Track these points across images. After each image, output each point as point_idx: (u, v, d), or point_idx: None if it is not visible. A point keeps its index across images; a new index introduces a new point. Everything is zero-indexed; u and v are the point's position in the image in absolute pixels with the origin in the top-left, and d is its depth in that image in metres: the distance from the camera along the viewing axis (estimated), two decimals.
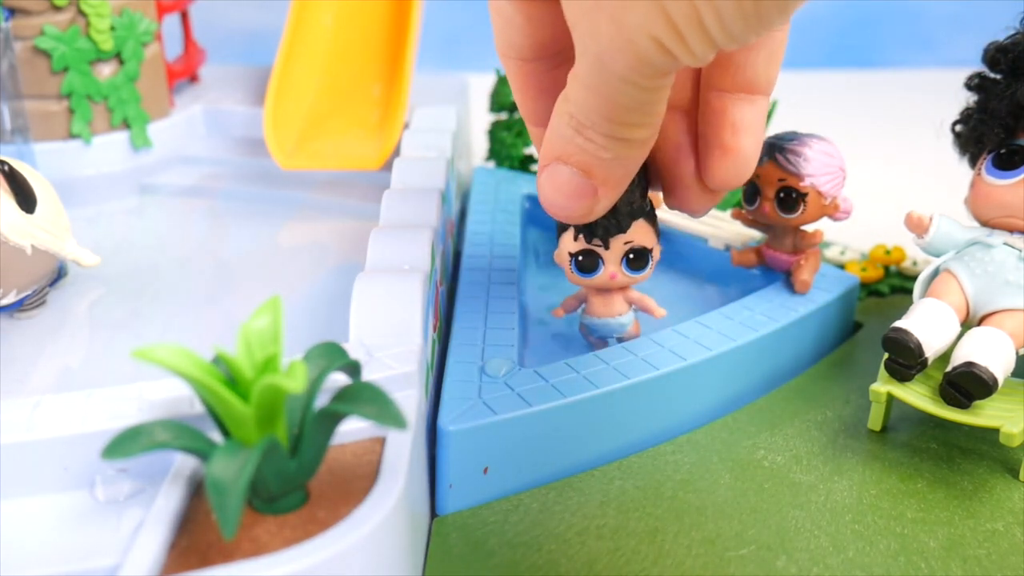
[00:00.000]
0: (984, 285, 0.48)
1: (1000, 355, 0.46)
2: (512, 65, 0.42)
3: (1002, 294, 0.48)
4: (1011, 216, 0.49)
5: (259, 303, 0.37)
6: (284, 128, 0.77)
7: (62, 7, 0.72)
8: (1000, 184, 0.50)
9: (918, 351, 0.47)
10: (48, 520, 0.38)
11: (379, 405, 0.35)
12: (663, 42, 0.31)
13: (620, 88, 0.33)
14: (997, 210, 0.50)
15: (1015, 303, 0.47)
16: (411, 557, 0.39)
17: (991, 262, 0.48)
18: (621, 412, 0.48)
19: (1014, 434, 0.45)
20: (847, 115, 1.12)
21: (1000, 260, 0.48)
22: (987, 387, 0.45)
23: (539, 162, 0.39)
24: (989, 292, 0.48)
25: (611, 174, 0.38)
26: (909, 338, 0.47)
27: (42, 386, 0.51)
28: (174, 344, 0.34)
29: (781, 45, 0.40)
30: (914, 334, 0.47)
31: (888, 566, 0.42)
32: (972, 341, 0.47)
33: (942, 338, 0.47)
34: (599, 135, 0.36)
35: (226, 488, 0.31)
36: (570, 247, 0.49)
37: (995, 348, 0.46)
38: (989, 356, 0.45)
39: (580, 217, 0.40)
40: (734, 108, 0.41)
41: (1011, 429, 0.45)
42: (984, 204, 0.51)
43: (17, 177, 0.54)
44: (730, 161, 0.42)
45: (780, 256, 0.59)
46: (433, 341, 0.50)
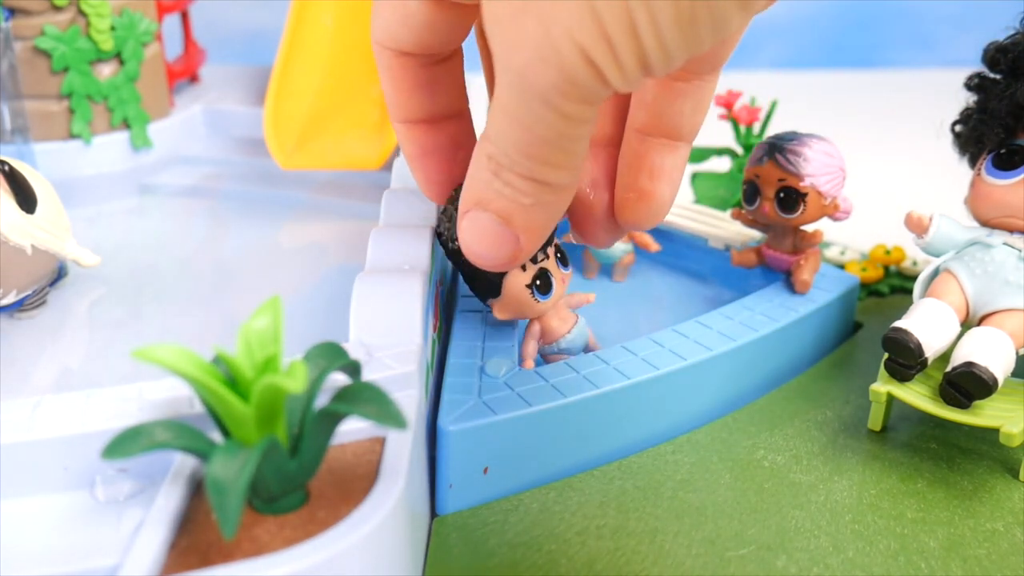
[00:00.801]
0: (984, 285, 0.48)
1: (1000, 355, 0.46)
2: (387, 56, 0.39)
3: (1002, 294, 0.48)
4: (1011, 216, 0.49)
5: (259, 303, 0.37)
6: (284, 128, 0.77)
7: (62, 7, 0.72)
8: (1000, 184, 0.50)
9: (918, 351, 0.47)
10: (48, 520, 0.38)
11: (379, 405, 0.35)
12: (590, 53, 0.29)
13: (541, 115, 0.31)
14: (997, 210, 0.50)
15: (1015, 303, 0.47)
16: (411, 557, 0.39)
17: (991, 262, 0.48)
18: (621, 412, 0.48)
19: (1014, 434, 0.45)
20: (847, 115, 1.12)
21: (1000, 260, 0.48)
22: (987, 387, 0.45)
23: (459, 207, 0.37)
24: (989, 292, 0.48)
25: (532, 221, 0.36)
26: (909, 338, 0.47)
27: (42, 386, 0.51)
28: (174, 344, 0.34)
29: (708, 95, 0.40)
30: (914, 334, 0.47)
31: (888, 566, 0.42)
32: (972, 341, 0.47)
33: (942, 338, 0.47)
34: (518, 177, 0.34)
35: (226, 488, 0.31)
36: (523, 280, 0.48)
37: (995, 348, 0.46)
38: (989, 356, 0.45)
39: (504, 265, 0.38)
40: (655, 153, 0.40)
41: (1011, 429, 0.45)
42: (984, 204, 0.51)
43: (17, 177, 0.54)
44: (644, 205, 0.41)
45: (780, 256, 0.59)
46: (433, 341, 0.50)
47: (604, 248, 0.44)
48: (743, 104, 0.72)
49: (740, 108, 0.72)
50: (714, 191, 0.74)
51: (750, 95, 0.74)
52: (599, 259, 0.66)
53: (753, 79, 1.17)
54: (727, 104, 0.72)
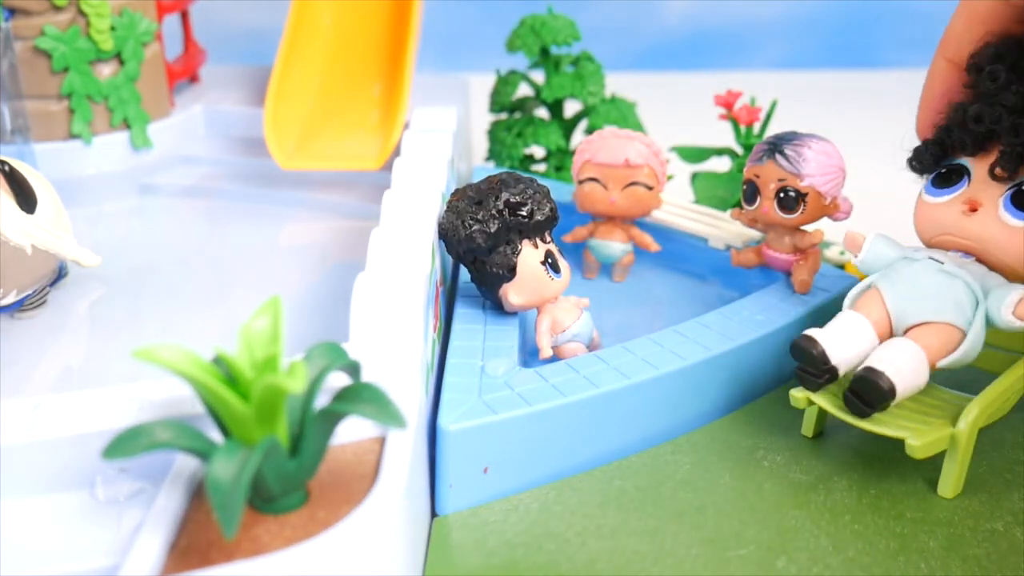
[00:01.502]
0: (905, 298, 0.47)
1: (905, 364, 0.44)
2: (942, 65, 0.49)
3: (921, 306, 0.47)
4: (947, 234, 0.49)
5: (259, 303, 0.37)
6: (284, 128, 0.77)
7: (62, 7, 0.72)
8: (935, 202, 0.49)
9: (822, 359, 0.46)
10: (48, 520, 0.38)
11: (379, 405, 0.35)
12: None
13: None
14: (934, 229, 0.49)
15: (932, 316, 0.46)
16: (411, 557, 0.39)
17: (911, 275, 0.47)
18: (621, 412, 0.48)
19: (916, 447, 0.44)
20: (847, 115, 1.12)
21: (920, 272, 0.47)
22: (883, 394, 0.44)
23: None
24: (909, 305, 0.47)
25: None
26: (813, 346, 0.46)
27: (42, 386, 0.51)
28: (174, 344, 0.34)
29: None
30: (820, 343, 0.46)
31: (888, 566, 0.42)
32: (880, 350, 0.46)
33: (854, 349, 0.46)
34: None
35: (226, 488, 0.31)
36: (537, 257, 0.52)
37: (900, 357, 0.45)
38: (891, 364, 0.44)
39: None
40: None
41: (913, 442, 0.44)
42: (923, 223, 0.50)
43: (17, 177, 0.54)
44: None
45: (780, 256, 0.59)
46: (433, 341, 0.50)
47: None
48: (743, 104, 0.72)
49: (740, 108, 0.72)
50: (714, 191, 0.74)
51: (750, 95, 0.74)
52: (599, 259, 0.66)
53: (753, 79, 1.17)
54: (727, 104, 0.72)
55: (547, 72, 0.78)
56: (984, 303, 0.46)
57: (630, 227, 0.65)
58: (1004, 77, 0.47)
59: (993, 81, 0.47)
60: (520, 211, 0.51)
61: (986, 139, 0.48)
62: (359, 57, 0.84)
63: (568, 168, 0.79)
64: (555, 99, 0.78)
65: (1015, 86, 0.46)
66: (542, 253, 0.52)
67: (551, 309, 0.53)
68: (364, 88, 0.82)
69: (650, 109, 0.89)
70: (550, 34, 0.76)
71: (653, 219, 0.67)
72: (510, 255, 0.51)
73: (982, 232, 0.47)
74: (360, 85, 0.82)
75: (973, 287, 0.46)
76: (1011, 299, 0.45)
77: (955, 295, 0.46)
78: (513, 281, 0.51)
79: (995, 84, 0.47)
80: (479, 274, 0.53)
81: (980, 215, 0.47)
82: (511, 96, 0.81)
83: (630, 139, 0.62)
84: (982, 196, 0.48)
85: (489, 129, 0.82)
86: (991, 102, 0.47)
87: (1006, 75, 0.47)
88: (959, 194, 0.49)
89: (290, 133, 0.77)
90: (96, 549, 0.36)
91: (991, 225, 0.47)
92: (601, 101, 0.78)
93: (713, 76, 1.26)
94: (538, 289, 0.52)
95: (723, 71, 1.32)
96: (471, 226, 0.51)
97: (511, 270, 0.51)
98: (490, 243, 0.51)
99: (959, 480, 0.47)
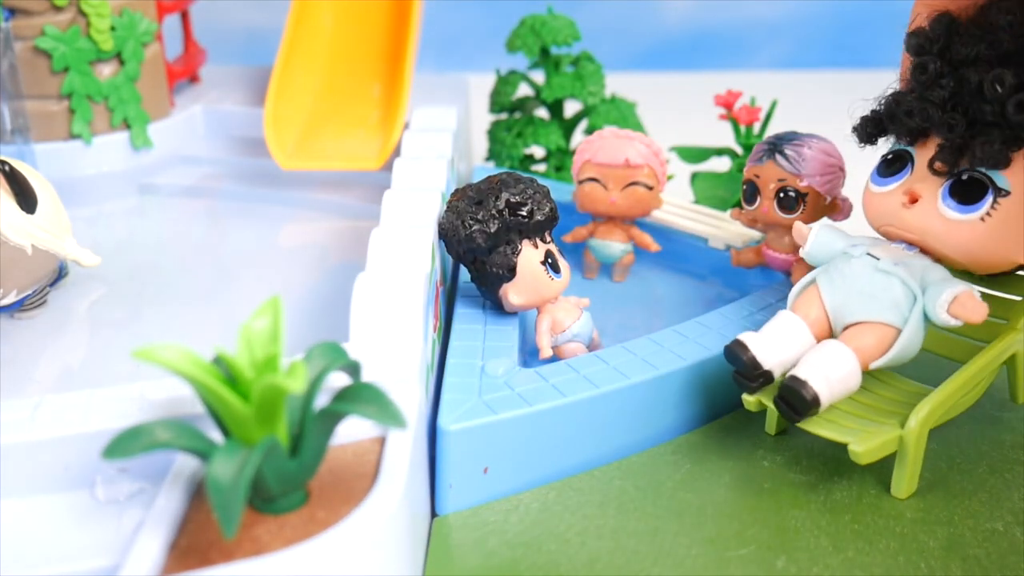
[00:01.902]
0: (842, 297, 0.46)
1: (832, 371, 0.44)
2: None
3: (856, 305, 0.46)
4: (889, 225, 0.48)
5: (259, 303, 0.37)
6: (284, 128, 0.77)
7: (62, 7, 0.72)
8: (878, 191, 0.48)
9: (752, 364, 0.45)
10: (48, 520, 0.38)
11: (379, 405, 0.35)
12: None
13: None
14: (878, 219, 0.48)
15: (867, 315, 0.45)
16: (411, 557, 0.39)
17: (849, 273, 0.46)
18: (621, 412, 0.48)
19: (859, 453, 0.43)
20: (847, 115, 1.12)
21: (857, 271, 0.46)
22: (807, 403, 0.43)
23: None
24: (846, 304, 0.46)
25: None
26: (744, 351, 0.45)
27: (42, 386, 0.51)
28: (174, 344, 0.34)
29: None
30: (750, 348, 0.45)
31: (888, 566, 0.42)
32: (809, 355, 0.45)
33: (788, 352, 0.46)
34: None
35: (226, 488, 0.31)
36: (537, 257, 0.51)
37: (828, 363, 0.44)
38: (817, 372, 0.44)
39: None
40: None
41: (856, 448, 0.43)
42: (869, 212, 0.49)
43: (17, 177, 0.54)
44: None
45: (780, 256, 0.59)
46: (433, 341, 0.50)
47: None
48: (743, 104, 0.72)
49: (740, 108, 0.72)
50: (714, 191, 0.74)
51: (750, 95, 0.74)
52: (599, 259, 0.66)
53: (753, 79, 1.17)
54: (727, 104, 0.72)
55: (547, 72, 0.78)
56: (921, 300, 0.45)
57: (630, 227, 0.65)
58: (932, 69, 0.45)
59: (922, 74, 0.46)
60: (520, 211, 0.51)
61: (921, 132, 0.47)
62: (359, 57, 0.84)
63: (568, 168, 0.79)
64: (555, 99, 0.78)
65: (944, 79, 0.45)
66: (542, 253, 0.52)
67: (551, 309, 0.53)
68: (364, 88, 0.82)
69: (650, 109, 0.89)
70: (550, 34, 0.76)
71: (653, 219, 0.67)
72: (510, 255, 0.51)
73: (921, 225, 0.46)
74: (360, 85, 0.82)
75: (910, 284, 0.45)
76: (944, 298, 0.44)
77: (891, 294, 0.45)
78: (513, 281, 0.51)
79: (924, 77, 0.46)
80: (479, 274, 0.53)
81: (919, 207, 0.46)
82: (511, 96, 0.81)
83: (630, 139, 0.62)
84: (921, 187, 0.46)
85: (489, 129, 0.82)
86: (921, 97, 0.45)
87: (934, 67, 0.45)
88: (900, 184, 0.47)
89: (290, 133, 0.77)
90: (96, 549, 0.36)
91: (930, 217, 0.46)
92: (601, 101, 0.78)
93: (713, 76, 1.26)
94: (538, 289, 0.52)
95: (723, 71, 1.32)
96: (471, 226, 0.51)
97: (511, 270, 0.51)
98: (490, 243, 0.51)
99: (912, 481, 0.46)
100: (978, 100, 0.44)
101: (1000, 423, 0.52)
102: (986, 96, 0.43)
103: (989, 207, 0.44)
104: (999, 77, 0.43)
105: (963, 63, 0.45)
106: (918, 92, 0.46)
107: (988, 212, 0.45)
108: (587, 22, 0.81)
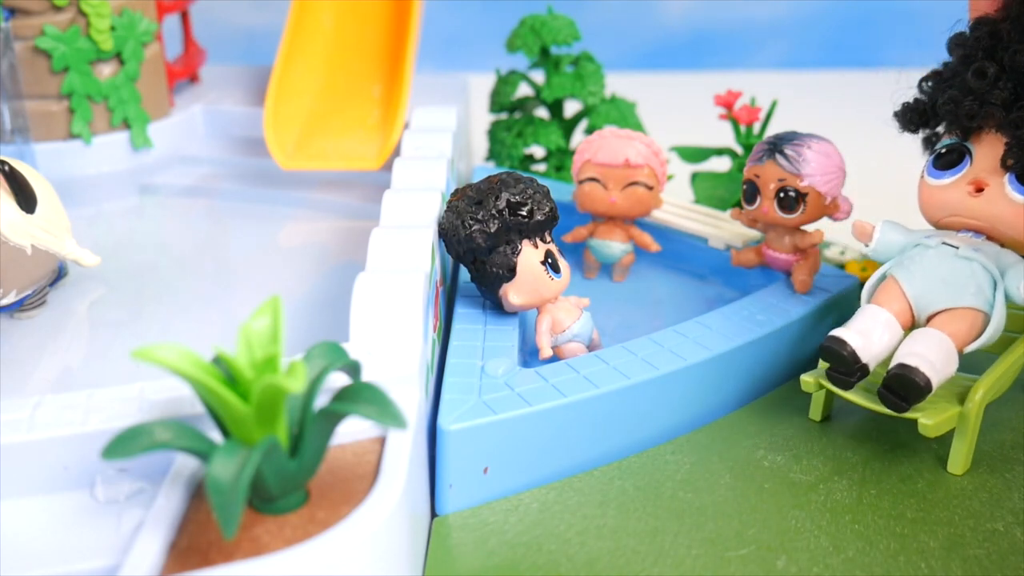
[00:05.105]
0: (923, 287, 0.47)
1: (936, 356, 0.45)
2: None
3: (941, 294, 0.47)
4: (955, 215, 0.49)
5: (259, 303, 0.37)
6: (284, 128, 0.77)
7: (62, 7, 0.72)
8: (938, 184, 0.49)
9: (852, 359, 0.46)
10: (48, 520, 0.38)
11: (379, 405, 0.35)
12: None
13: None
14: (941, 211, 0.50)
15: (954, 302, 0.47)
16: (411, 557, 0.39)
17: (928, 262, 0.48)
18: (621, 412, 0.48)
19: (929, 425, 0.45)
20: (847, 115, 1.12)
21: (937, 260, 0.47)
22: (919, 389, 0.44)
23: None
24: (929, 293, 0.47)
25: None
26: (843, 347, 0.46)
27: (42, 386, 0.51)
28: (174, 344, 0.34)
29: None
30: (848, 343, 0.46)
31: (888, 566, 0.42)
32: (909, 343, 0.46)
33: (881, 344, 0.47)
34: None
35: (226, 488, 0.31)
36: (537, 257, 0.52)
37: (931, 349, 0.45)
38: (923, 358, 0.44)
39: None
40: None
41: (926, 421, 0.45)
42: (929, 206, 0.50)
43: (17, 177, 0.54)
44: None
45: (780, 256, 0.59)
46: (433, 341, 0.50)
47: None
48: (743, 104, 0.72)
49: (740, 108, 0.72)
50: (714, 191, 0.74)
51: (750, 95, 0.74)
52: (599, 259, 0.66)
53: (753, 79, 1.17)
54: (727, 104, 0.72)
55: (547, 72, 0.78)
56: (1002, 283, 0.46)
57: (630, 227, 0.65)
58: (992, 73, 0.47)
59: (983, 78, 0.47)
60: (520, 211, 0.51)
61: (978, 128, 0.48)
62: (359, 57, 0.84)
63: (568, 168, 0.79)
64: (555, 99, 0.78)
65: (1002, 81, 0.46)
66: (542, 253, 0.52)
67: (551, 309, 0.53)
68: (364, 88, 0.82)
69: (650, 109, 0.89)
70: (550, 34, 0.76)
71: (653, 219, 0.67)
72: (510, 255, 0.51)
73: (991, 211, 0.48)
74: (360, 85, 0.82)
75: (990, 268, 0.46)
76: None
77: (975, 280, 0.46)
78: (513, 281, 0.51)
79: (985, 81, 0.47)
80: (479, 274, 0.53)
81: (987, 195, 0.48)
82: (511, 96, 0.81)
83: (630, 139, 0.62)
84: (987, 175, 0.48)
85: (489, 129, 0.82)
86: (983, 100, 0.47)
87: (993, 70, 0.47)
88: (963, 175, 0.49)
89: (290, 133, 0.77)
90: (96, 549, 0.36)
91: (999, 203, 0.47)
92: (601, 101, 0.78)
93: (713, 76, 1.26)
94: (538, 289, 0.52)
95: (723, 71, 1.32)
96: (471, 226, 0.51)
97: (511, 270, 0.51)
98: (490, 243, 0.51)
99: (968, 457, 0.48)
100: None
101: (1000, 423, 0.52)
102: None
103: None
104: None
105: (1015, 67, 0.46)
106: (978, 95, 0.47)
107: None
108: (587, 22, 0.81)
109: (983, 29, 0.48)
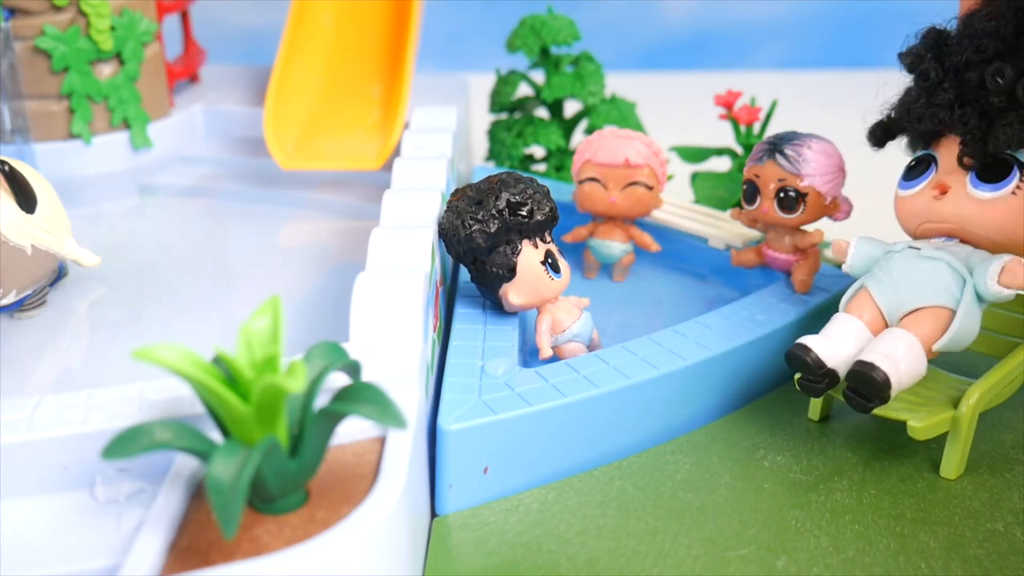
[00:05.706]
0: (892, 291, 0.47)
1: (899, 353, 0.44)
2: None
3: (908, 296, 0.47)
4: (926, 222, 0.49)
5: (259, 303, 0.37)
6: (284, 128, 0.77)
7: (62, 7, 0.72)
8: (907, 194, 0.50)
9: (817, 364, 0.46)
10: (48, 520, 0.38)
11: (379, 405, 0.35)
12: None
13: None
14: (913, 220, 0.50)
15: (920, 302, 0.46)
16: (411, 557, 0.39)
17: (895, 269, 0.48)
18: (621, 412, 0.48)
19: (918, 428, 0.45)
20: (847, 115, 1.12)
21: (903, 264, 0.48)
22: (877, 385, 0.44)
23: None
24: (897, 297, 0.47)
25: None
26: (807, 353, 0.46)
27: (42, 386, 0.51)
28: (174, 344, 0.34)
29: None
30: (813, 349, 0.46)
31: (888, 566, 0.42)
32: (873, 343, 0.46)
33: (848, 349, 0.47)
34: None
35: (226, 488, 0.31)
36: (537, 257, 0.52)
37: (893, 346, 0.45)
38: (883, 354, 0.44)
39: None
40: None
41: (915, 424, 0.45)
42: (903, 217, 0.51)
43: (17, 177, 0.54)
44: None
45: (780, 256, 0.59)
46: (433, 341, 0.50)
47: None
48: (743, 104, 0.72)
49: (740, 108, 0.72)
50: (714, 191, 0.74)
51: (750, 95, 0.74)
52: (599, 259, 0.66)
53: (753, 79, 1.17)
54: (727, 104, 0.72)
55: (547, 72, 0.78)
56: (971, 280, 0.46)
57: (630, 227, 0.65)
58: (934, 76, 0.48)
59: (925, 81, 0.48)
60: (520, 211, 0.51)
61: (935, 134, 0.49)
62: (359, 57, 0.84)
63: (568, 168, 0.79)
64: (555, 99, 0.78)
65: (946, 83, 0.47)
66: (542, 253, 0.52)
67: (551, 309, 0.53)
68: (364, 88, 0.82)
69: (650, 109, 0.89)
70: (550, 34, 0.76)
71: (653, 219, 0.67)
72: (510, 255, 0.51)
73: (957, 212, 0.48)
74: (360, 85, 0.82)
75: (956, 266, 0.46)
76: (993, 268, 0.45)
77: (940, 278, 0.46)
78: (513, 281, 0.51)
79: (928, 83, 0.48)
80: (479, 274, 0.53)
81: (951, 196, 0.48)
82: (511, 96, 0.81)
83: (630, 139, 0.62)
84: (949, 178, 0.48)
85: (489, 129, 0.82)
86: (929, 103, 0.48)
87: (936, 74, 0.48)
88: (928, 181, 0.49)
89: (290, 133, 0.77)
90: (96, 549, 0.36)
91: (962, 204, 0.48)
92: (601, 101, 0.78)
93: (713, 76, 1.26)
94: (538, 289, 0.52)
95: (723, 71, 1.32)
96: (471, 226, 0.51)
97: (511, 270, 0.51)
98: (490, 243, 0.51)
99: (961, 462, 0.48)
100: (984, 95, 0.46)
101: (1000, 423, 0.52)
102: (991, 89, 0.45)
103: (1018, 181, 0.46)
104: (999, 71, 0.45)
105: (957, 69, 0.47)
106: (924, 99, 0.48)
107: (1018, 185, 0.46)
108: (587, 22, 0.81)
109: (930, 36, 0.49)
